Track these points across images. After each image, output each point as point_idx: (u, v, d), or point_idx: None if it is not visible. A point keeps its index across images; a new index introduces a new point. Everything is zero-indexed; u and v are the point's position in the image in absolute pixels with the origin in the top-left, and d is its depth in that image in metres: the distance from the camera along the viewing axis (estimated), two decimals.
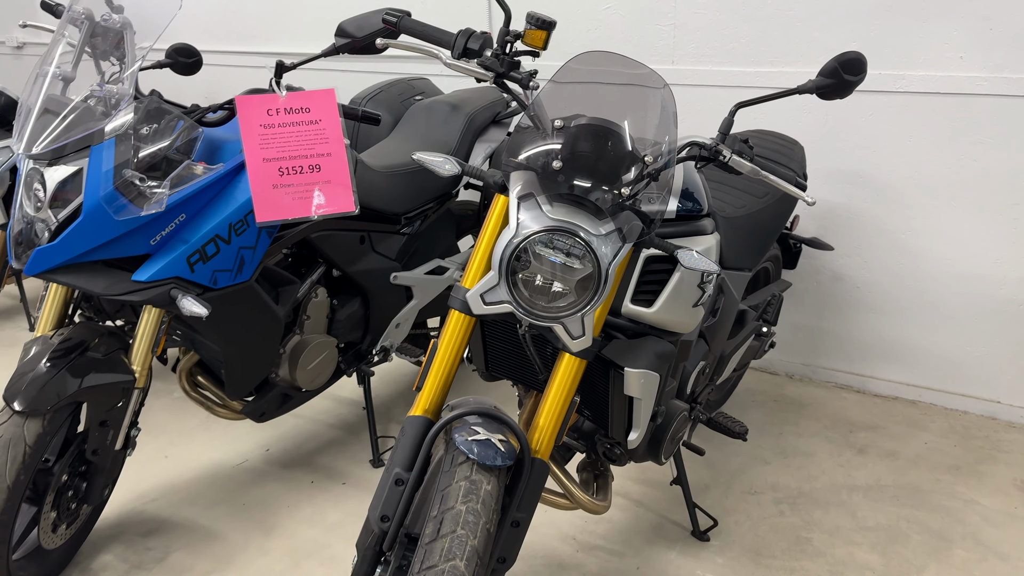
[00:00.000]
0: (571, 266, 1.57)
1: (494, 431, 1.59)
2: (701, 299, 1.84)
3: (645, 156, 1.59)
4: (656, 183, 1.66)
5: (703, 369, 2.31)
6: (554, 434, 1.70)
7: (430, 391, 1.70)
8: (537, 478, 1.65)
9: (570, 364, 1.68)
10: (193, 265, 2.07)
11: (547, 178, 1.58)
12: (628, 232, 1.61)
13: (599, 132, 1.58)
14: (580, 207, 1.58)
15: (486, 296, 1.65)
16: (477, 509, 1.49)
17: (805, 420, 3.06)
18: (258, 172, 2.12)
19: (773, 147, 2.67)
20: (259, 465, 2.81)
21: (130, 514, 2.55)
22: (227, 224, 2.11)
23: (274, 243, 2.29)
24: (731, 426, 2.41)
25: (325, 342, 2.55)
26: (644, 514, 2.52)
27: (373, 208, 2.62)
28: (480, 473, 1.54)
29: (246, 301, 2.22)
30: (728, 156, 1.71)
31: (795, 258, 3.11)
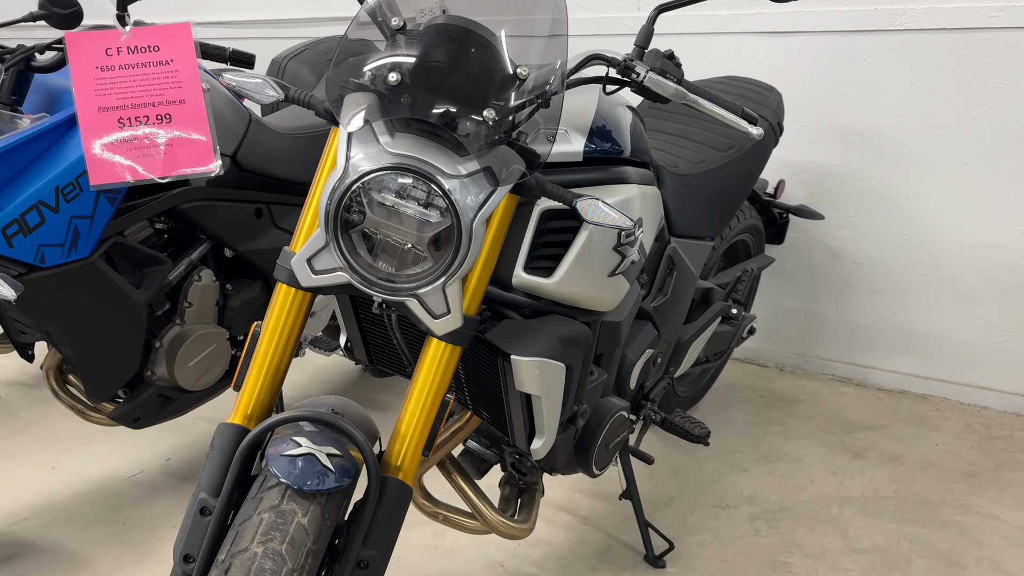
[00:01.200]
0: (423, 219, 1.16)
1: (325, 443, 1.18)
2: (620, 266, 1.42)
3: (518, 68, 1.17)
4: (545, 111, 1.25)
5: (653, 359, 1.89)
6: (419, 445, 1.29)
7: (251, 391, 1.29)
8: (391, 504, 1.24)
9: (437, 352, 1.27)
10: (11, 238, 1.69)
11: (390, 101, 1.16)
12: (502, 174, 1.19)
13: (456, 35, 1.16)
14: (436, 139, 1.17)
15: (315, 262, 1.24)
16: (280, 552, 1.08)
17: (795, 419, 2.62)
18: (92, 124, 1.73)
19: (742, 93, 2.24)
20: (155, 477, 2.43)
21: None
22: (53, 188, 1.72)
23: (127, 213, 1.90)
24: (690, 428, 1.99)
25: (212, 334, 2.16)
26: (591, 534, 2.10)
27: (273, 176, 2.22)
28: (294, 500, 1.13)
29: (87, 283, 1.83)
30: (643, 75, 1.29)
31: (782, 230, 2.68)
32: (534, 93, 1.20)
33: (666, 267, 1.87)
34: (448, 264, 1.18)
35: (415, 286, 1.19)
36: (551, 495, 2.24)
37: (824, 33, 2.57)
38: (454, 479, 1.72)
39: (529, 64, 1.21)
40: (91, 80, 1.75)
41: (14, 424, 2.74)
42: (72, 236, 1.77)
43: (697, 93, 1.32)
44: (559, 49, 1.22)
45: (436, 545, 2.07)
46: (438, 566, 2.01)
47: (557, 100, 1.23)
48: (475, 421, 1.65)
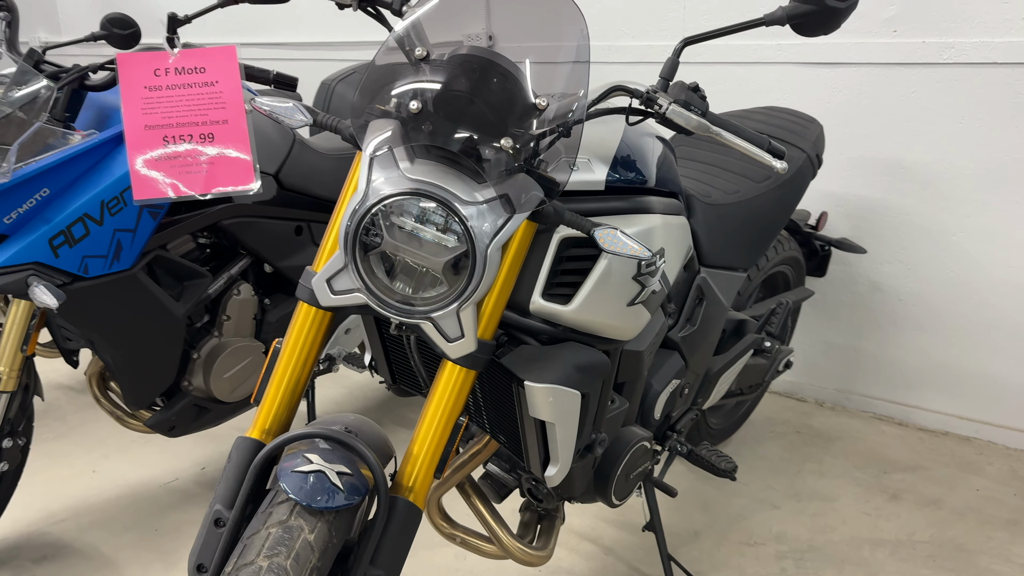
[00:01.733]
0: (438, 243, 1.18)
1: (336, 460, 1.20)
2: (639, 296, 1.41)
3: (538, 100, 1.18)
4: (565, 140, 1.26)
5: (680, 389, 1.87)
6: (431, 466, 1.30)
7: (270, 406, 1.32)
8: (400, 525, 1.25)
9: (451, 375, 1.29)
10: (57, 249, 1.76)
11: (411, 128, 1.19)
12: (519, 201, 1.21)
13: (477, 65, 1.18)
14: (455, 167, 1.19)
15: (334, 283, 1.27)
16: (285, 567, 1.10)
17: (831, 457, 2.56)
18: (138, 141, 1.79)
19: (781, 124, 2.22)
20: (188, 486, 2.48)
21: (31, 535, 2.25)
22: (99, 202, 1.79)
23: (170, 228, 1.96)
24: (717, 462, 1.96)
25: (248, 347, 2.21)
26: (613, 564, 2.08)
27: (313, 195, 2.28)
28: (302, 517, 1.15)
29: (128, 294, 1.89)
30: (665, 107, 1.29)
31: (823, 263, 2.64)
32: (555, 123, 1.21)
33: (695, 297, 1.85)
34: (463, 289, 1.19)
35: (430, 309, 1.21)
36: (574, 523, 2.23)
37: (871, 65, 2.54)
38: (472, 502, 1.72)
39: (550, 94, 1.22)
40: (139, 99, 1.81)
41: (60, 427, 2.83)
42: (115, 248, 1.83)
43: (722, 125, 1.31)
44: (581, 79, 1.23)
45: (457, 567, 2.07)
46: None
47: (578, 129, 1.24)
48: (494, 444, 1.65)
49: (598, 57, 2.98)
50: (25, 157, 1.70)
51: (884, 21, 2.48)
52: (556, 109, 1.21)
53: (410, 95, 1.18)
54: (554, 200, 1.24)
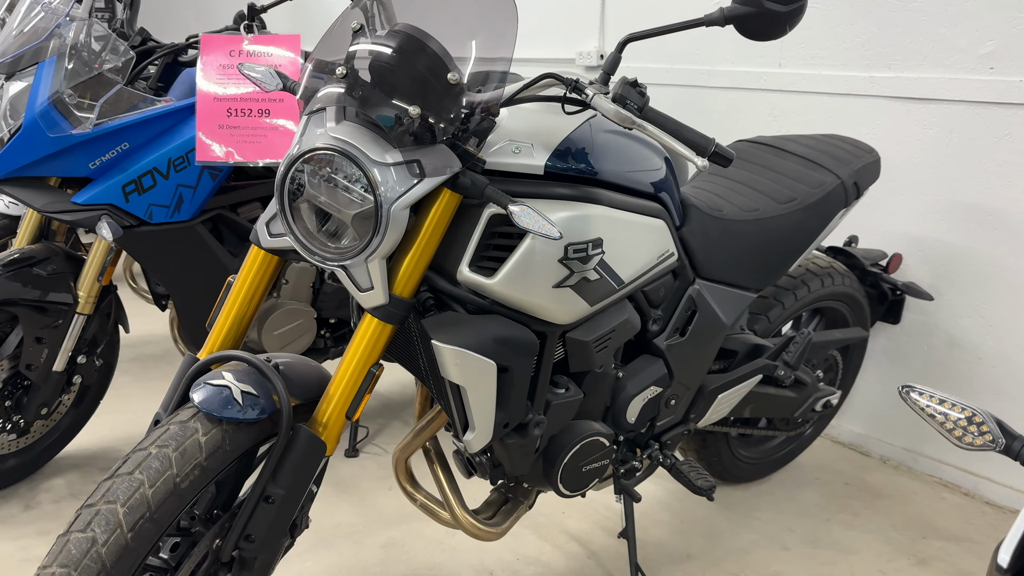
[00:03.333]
0: (349, 198, 1.31)
1: (247, 382, 1.35)
2: (567, 280, 1.46)
3: (449, 75, 1.28)
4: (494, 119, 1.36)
5: (664, 399, 1.87)
6: (343, 408, 1.42)
7: (218, 332, 1.51)
8: (301, 452, 1.38)
9: (369, 326, 1.41)
10: (128, 195, 2.06)
11: (345, 91, 1.33)
12: (432, 168, 1.31)
13: (401, 39, 1.30)
14: (377, 130, 1.31)
15: (271, 226, 1.43)
16: (169, 456, 1.26)
17: (870, 512, 2.40)
18: (207, 110, 2.07)
19: (827, 149, 2.15)
20: None
21: (107, 450, 2.59)
22: (167, 158, 2.07)
23: (235, 191, 2.22)
24: (695, 479, 1.93)
25: (300, 310, 2.43)
26: (591, 568, 2.09)
27: None
28: (200, 421, 1.31)
29: (186, 242, 2.17)
30: (590, 96, 1.35)
31: (896, 308, 2.50)
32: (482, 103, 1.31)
33: (686, 308, 1.84)
34: (367, 242, 1.31)
35: (341, 257, 1.34)
36: (571, 524, 2.25)
37: (964, 103, 2.38)
38: (434, 469, 1.81)
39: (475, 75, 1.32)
40: (214, 75, 2.09)
41: (167, 370, 3.22)
42: (177, 201, 2.11)
43: (653, 121, 1.35)
44: (504, 66, 1.32)
45: (442, 540, 2.17)
46: (434, 559, 2.10)
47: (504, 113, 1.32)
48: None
49: (699, 81, 3.00)
50: (112, 114, 2.02)
51: (981, 57, 2.33)
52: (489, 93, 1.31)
53: (340, 62, 1.32)
54: (473, 174, 1.33)
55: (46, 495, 2.34)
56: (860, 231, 2.67)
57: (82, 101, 1.99)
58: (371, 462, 2.56)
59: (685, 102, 3.10)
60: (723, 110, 2.99)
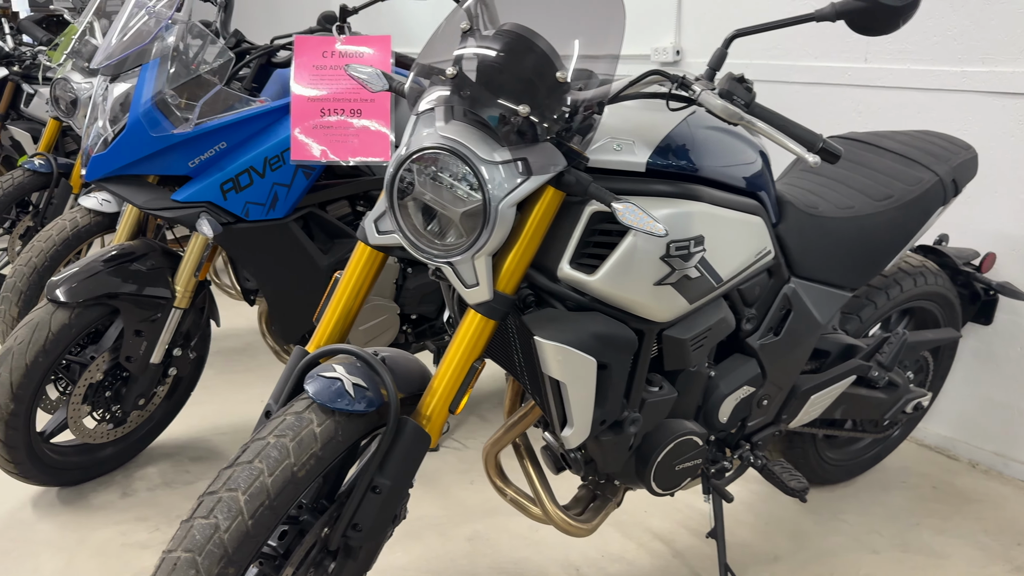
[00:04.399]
0: (458, 195, 1.33)
1: (357, 375, 1.39)
2: (668, 277, 1.46)
3: (557, 73, 1.30)
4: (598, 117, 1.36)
5: (756, 399, 1.85)
6: (446, 401, 1.45)
7: (325, 326, 1.54)
8: (408, 444, 1.41)
9: (472, 321, 1.43)
10: (226, 193, 2.12)
11: (453, 91, 1.35)
12: (539, 166, 1.32)
13: (510, 39, 1.32)
14: (485, 129, 1.33)
15: (379, 224, 1.46)
16: (287, 446, 1.30)
17: (960, 517, 2.34)
18: (301, 110, 2.12)
19: (923, 146, 2.10)
20: None
21: (196, 440, 2.68)
22: (263, 157, 2.13)
23: (325, 190, 2.27)
24: (787, 480, 1.91)
25: (385, 306, 2.48)
26: (676, 567, 2.08)
27: None
28: (315, 412, 1.35)
29: (280, 239, 2.22)
30: (697, 92, 1.34)
31: (988, 309, 2.43)
32: (589, 101, 1.32)
33: (781, 307, 1.83)
34: (475, 239, 1.33)
35: (446, 253, 1.36)
36: (655, 523, 2.25)
37: None
38: (525, 464, 1.82)
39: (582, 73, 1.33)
40: (307, 75, 2.14)
41: (249, 363, 3.30)
42: (272, 199, 2.17)
43: (761, 116, 1.34)
44: (611, 64, 1.33)
45: (527, 536, 2.18)
46: (519, 554, 2.12)
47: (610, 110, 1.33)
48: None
49: (780, 76, 2.96)
50: (210, 115, 2.08)
51: None
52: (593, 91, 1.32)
53: (450, 62, 1.34)
54: (578, 171, 1.34)
55: (141, 483, 2.43)
56: (950, 229, 2.60)
57: (183, 102, 2.06)
58: (451, 456, 2.59)
59: (765, 98, 3.06)
60: (805, 106, 2.95)
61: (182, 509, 2.29)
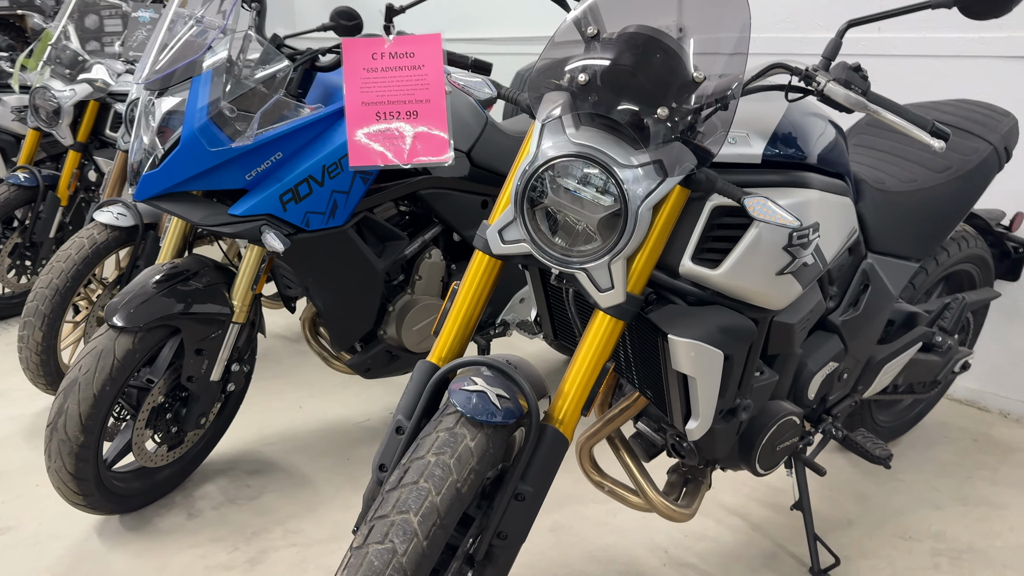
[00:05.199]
0: (595, 201, 1.33)
1: (497, 386, 1.39)
2: (789, 266, 1.49)
3: (696, 75, 1.31)
4: (722, 114, 1.38)
5: (838, 373, 1.91)
6: (579, 404, 1.46)
7: (447, 337, 1.53)
8: (548, 449, 1.42)
9: (602, 323, 1.44)
10: (286, 204, 2.08)
11: (578, 98, 1.35)
12: (672, 167, 1.34)
13: (640, 42, 1.32)
14: (615, 133, 1.34)
15: (504, 233, 1.46)
16: (448, 464, 1.30)
17: (1008, 467, 2.46)
18: (356, 116, 2.08)
19: (969, 115, 2.17)
20: (378, 426, 2.80)
21: (246, 452, 2.64)
22: (321, 166, 2.09)
23: (377, 193, 2.24)
24: (872, 448, 1.97)
25: (435, 305, 2.47)
26: (758, 539, 2.15)
27: (500, 172, 2.50)
28: (465, 427, 1.35)
29: (340, 246, 2.19)
30: (823, 84, 1.37)
31: (1016, 266, 2.53)
32: (713, 97, 1.33)
33: (860, 282, 1.88)
34: (614, 244, 1.34)
35: (584, 260, 1.36)
36: (725, 499, 2.30)
37: None
38: (622, 456, 1.85)
39: (710, 71, 1.34)
40: (359, 79, 2.10)
41: (275, 369, 3.25)
42: (331, 207, 2.13)
43: (882, 104, 1.37)
44: (740, 62, 1.34)
45: (607, 522, 2.22)
46: (605, 540, 2.16)
47: (734, 105, 1.34)
48: (643, 401, 1.78)
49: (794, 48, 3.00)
50: (264, 125, 2.03)
51: None
52: (715, 85, 1.33)
53: (580, 69, 1.34)
54: (706, 168, 1.36)
55: (204, 502, 2.39)
56: None
57: (239, 113, 2.01)
58: None
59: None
60: None
61: (255, 525, 2.26)
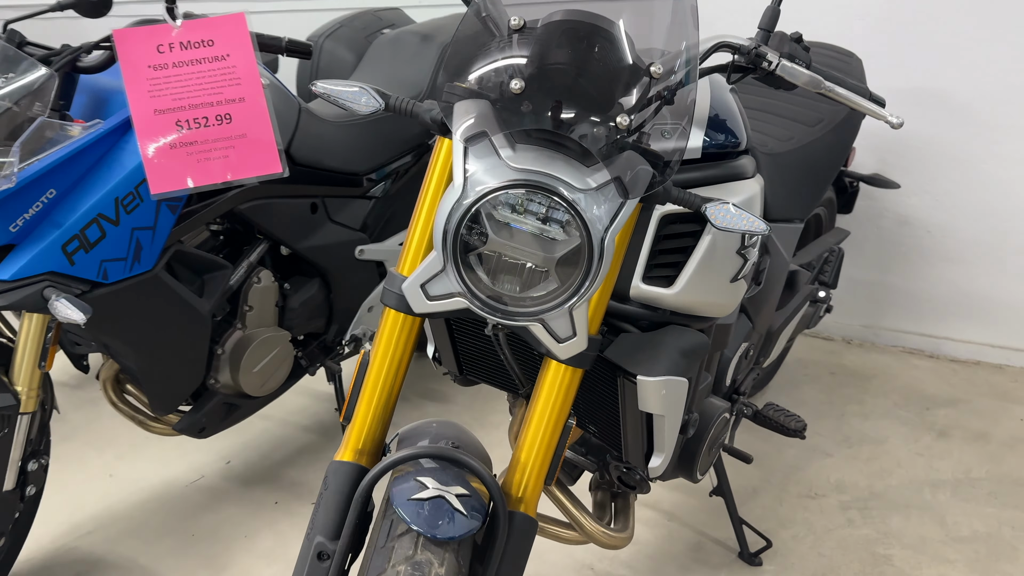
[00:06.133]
0: (549, 237, 1.06)
1: (451, 481, 1.10)
2: (742, 271, 1.32)
3: (651, 66, 1.05)
4: (670, 107, 1.14)
5: (746, 352, 1.79)
6: (540, 474, 1.20)
7: (362, 425, 1.20)
8: (519, 539, 1.16)
9: (558, 375, 1.18)
10: (72, 255, 1.59)
11: (507, 108, 1.05)
12: (632, 183, 1.08)
13: (581, 32, 1.04)
14: (557, 148, 1.06)
15: (429, 287, 1.13)
16: None
17: (871, 397, 2.54)
18: (148, 128, 1.62)
19: (828, 62, 2.11)
20: (217, 482, 2.36)
21: (60, 552, 2.12)
22: (112, 199, 1.61)
23: (185, 220, 1.79)
24: (785, 421, 1.89)
25: (275, 337, 2.07)
26: (679, 531, 2.03)
27: (326, 168, 2.12)
28: (429, 549, 1.05)
29: (152, 296, 1.73)
30: (775, 63, 1.17)
31: (851, 200, 2.56)
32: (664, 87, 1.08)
33: (760, 255, 1.76)
34: (579, 284, 1.07)
35: (540, 310, 1.09)
36: None
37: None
38: (549, 490, 1.63)
39: (656, 58, 1.09)
40: (144, 80, 1.63)
41: (63, 429, 2.66)
42: (135, 249, 1.66)
43: (834, 81, 1.20)
44: (687, 37, 1.10)
45: None
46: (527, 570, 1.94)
47: (684, 94, 1.11)
48: (576, 432, 1.56)
49: None
50: (27, 157, 1.52)
51: None
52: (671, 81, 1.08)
53: (509, 72, 1.04)
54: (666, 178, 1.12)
55: None
56: None
57: None
58: None
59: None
60: None
61: None
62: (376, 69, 2.47)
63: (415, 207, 1.18)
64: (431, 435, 1.24)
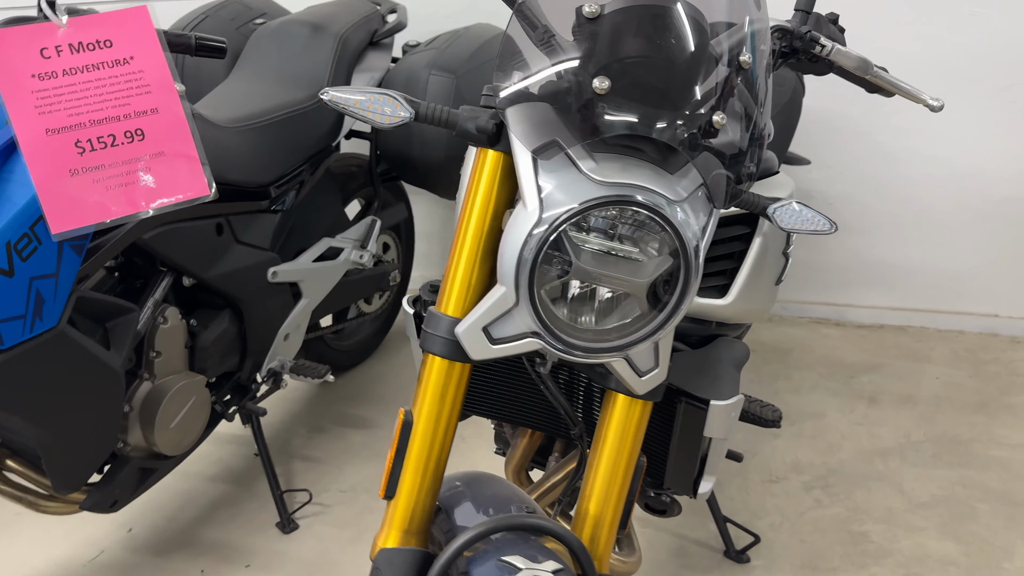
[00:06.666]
0: (635, 259, 0.91)
1: (542, 556, 0.93)
2: (784, 270, 1.23)
3: (743, 58, 0.92)
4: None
5: None
6: (613, 525, 1.06)
7: (409, 499, 0.99)
8: None
9: (629, 410, 1.03)
10: None
11: (581, 112, 0.88)
12: (713, 187, 0.95)
13: (672, 18, 0.89)
14: (639, 156, 0.91)
15: (494, 328, 0.95)
16: None
17: (796, 371, 2.57)
18: (41, 154, 1.30)
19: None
20: (121, 556, 2.01)
21: None
22: (3, 245, 1.29)
23: (89, 259, 1.48)
24: (761, 412, 1.84)
25: (189, 384, 1.77)
26: (658, 537, 1.95)
27: (226, 181, 1.83)
28: None
29: (57, 359, 1.41)
30: (830, 47, 1.08)
31: None
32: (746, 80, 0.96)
33: None
34: (673, 307, 0.93)
35: (628, 342, 0.94)
36: None
37: None
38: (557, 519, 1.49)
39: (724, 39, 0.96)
40: (28, 94, 1.31)
41: None
42: (35, 303, 1.34)
43: None
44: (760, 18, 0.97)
45: None
46: None
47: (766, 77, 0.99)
48: None
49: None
50: None
51: None
52: None
53: (591, 70, 0.87)
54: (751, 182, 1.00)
55: None
56: None
57: None
58: (326, 529, 2.05)
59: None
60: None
61: None
62: (262, 64, 2.19)
63: (455, 236, 0.99)
64: (471, 496, 1.06)
